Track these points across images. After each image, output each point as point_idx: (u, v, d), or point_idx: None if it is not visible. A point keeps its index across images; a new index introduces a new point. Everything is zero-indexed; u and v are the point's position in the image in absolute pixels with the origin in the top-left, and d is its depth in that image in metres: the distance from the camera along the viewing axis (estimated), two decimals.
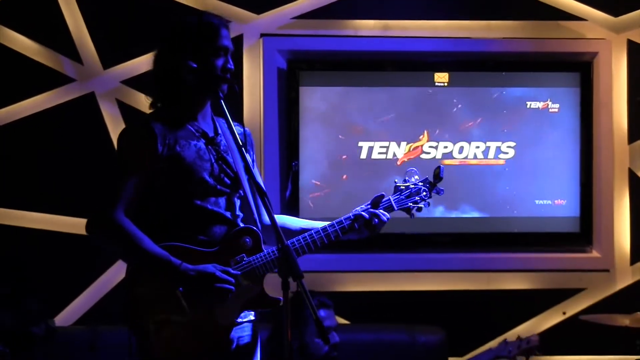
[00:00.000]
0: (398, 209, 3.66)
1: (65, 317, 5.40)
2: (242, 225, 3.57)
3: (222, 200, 3.53)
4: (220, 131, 3.59)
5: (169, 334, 3.42)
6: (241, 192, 3.57)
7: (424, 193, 3.67)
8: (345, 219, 3.59)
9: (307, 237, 3.53)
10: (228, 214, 3.53)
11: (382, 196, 3.61)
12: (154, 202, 3.48)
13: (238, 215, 3.57)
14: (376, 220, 3.58)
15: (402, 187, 3.68)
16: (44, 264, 5.40)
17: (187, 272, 3.38)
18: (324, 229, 3.56)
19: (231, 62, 3.54)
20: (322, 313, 4.77)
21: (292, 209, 5.38)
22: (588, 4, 5.65)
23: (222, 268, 3.41)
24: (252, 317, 3.57)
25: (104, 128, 5.44)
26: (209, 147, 3.53)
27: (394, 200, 3.64)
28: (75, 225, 5.35)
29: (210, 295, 3.40)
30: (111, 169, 3.50)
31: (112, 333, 5.01)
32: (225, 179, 3.53)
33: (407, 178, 3.69)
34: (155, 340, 3.42)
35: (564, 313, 5.70)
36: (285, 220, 3.69)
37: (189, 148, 3.48)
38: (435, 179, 3.68)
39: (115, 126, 5.40)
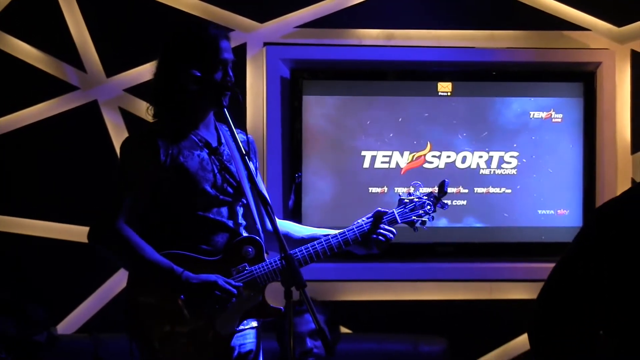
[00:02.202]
0: (402, 223, 3.66)
1: (68, 325, 5.39)
2: (244, 233, 3.57)
3: (224, 210, 3.53)
4: (223, 140, 3.60)
5: (169, 341, 3.43)
6: (244, 200, 3.57)
7: (428, 207, 3.68)
8: (348, 231, 3.59)
9: (310, 248, 3.54)
10: (230, 223, 3.53)
11: (385, 212, 3.62)
12: (156, 211, 3.49)
13: (240, 224, 3.58)
14: (381, 237, 3.59)
15: (406, 200, 3.69)
16: (47, 272, 5.40)
17: (188, 281, 3.39)
18: (326, 240, 3.56)
19: (231, 74, 3.54)
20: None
21: (295, 218, 5.37)
22: (591, 14, 5.64)
23: (224, 279, 3.42)
24: (254, 324, 3.58)
25: (107, 136, 5.43)
26: (212, 157, 3.53)
27: (397, 213, 3.64)
28: (78, 233, 5.34)
29: (210, 304, 3.40)
30: (112, 178, 3.51)
31: (115, 341, 4.99)
32: (228, 188, 3.53)
33: (411, 191, 3.69)
34: (155, 348, 3.43)
35: None
36: (288, 228, 3.69)
37: (192, 158, 3.48)
38: (440, 193, 3.69)
39: (118, 134, 5.40)
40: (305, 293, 3.18)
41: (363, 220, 3.63)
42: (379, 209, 3.64)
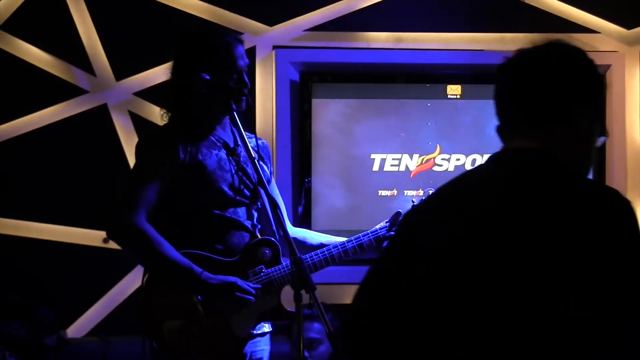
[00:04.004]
0: None
1: (78, 328, 5.39)
2: (259, 236, 3.58)
3: (240, 210, 3.54)
4: (239, 142, 3.61)
5: (184, 341, 3.43)
6: (259, 204, 3.58)
7: None
8: (363, 236, 3.60)
9: (326, 251, 3.54)
10: (248, 224, 3.54)
11: (399, 213, 3.62)
12: (172, 209, 3.48)
13: (256, 226, 3.58)
14: None
15: None
16: (57, 276, 5.40)
17: (207, 281, 3.38)
18: (342, 244, 3.57)
19: (247, 80, 3.55)
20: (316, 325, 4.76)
21: (305, 224, 5.37)
22: (601, 17, 5.64)
23: (243, 280, 3.42)
24: (266, 329, 3.57)
25: (116, 140, 5.43)
26: (230, 157, 3.54)
27: None
28: (88, 236, 5.35)
29: (228, 306, 3.41)
30: (130, 174, 3.51)
31: (125, 344, 5.01)
32: (245, 190, 3.54)
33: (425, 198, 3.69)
34: (169, 347, 3.43)
35: None
36: (305, 234, 3.70)
37: (210, 157, 3.49)
38: None
39: (127, 138, 5.40)
40: (315, 296, 3.18)
41: (380, 226, 3.63)
42: (394, 213, 3.62)
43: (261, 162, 3.63)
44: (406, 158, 5.55)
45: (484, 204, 2.14)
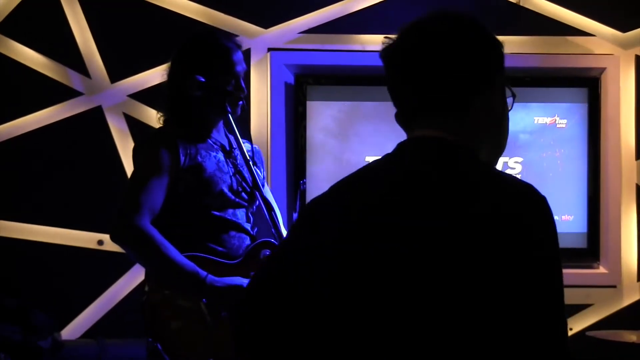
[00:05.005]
0: None
1: (73, 330, 5.39)
2: (255, 237, 3.58)
3: (239, 212, 3.55)
4: (234, 145, 3.61)
5: (188, 343, 3.42)
6: (255, 206, 3.59)
7: None
8: None
9: None
10: (247, 226, 3.54)
11: None
12: (172, 211, 3.47)
13: (254, 228, 3.59)
14: None
15: None
16: (51, 278, 5.39)
17: (213, 284, 3.37)
18: None
19: (244, 86, 3.57)
20: None
21: None
22: (596, 20, 5.64)
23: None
24: None
25: (111, 142, 5.43)
26: (227, 160, 3.54)
27: None
28: (82, 238, 5.35)
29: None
30: (132, 177, 3.50)
31: (120, 346, 5.01)
32: (243, 193, 3.54)
33: None
34: (174, 349, 3.42)
35: (571, 329, 5.67)
36: None
37: (209, 159, 3.49)
38: None
39: (122, 140, 5.40)
40: None
41: None
42: None
43: (255, 167, 3.63)
44: None
45: (386, 204, 2.03)
